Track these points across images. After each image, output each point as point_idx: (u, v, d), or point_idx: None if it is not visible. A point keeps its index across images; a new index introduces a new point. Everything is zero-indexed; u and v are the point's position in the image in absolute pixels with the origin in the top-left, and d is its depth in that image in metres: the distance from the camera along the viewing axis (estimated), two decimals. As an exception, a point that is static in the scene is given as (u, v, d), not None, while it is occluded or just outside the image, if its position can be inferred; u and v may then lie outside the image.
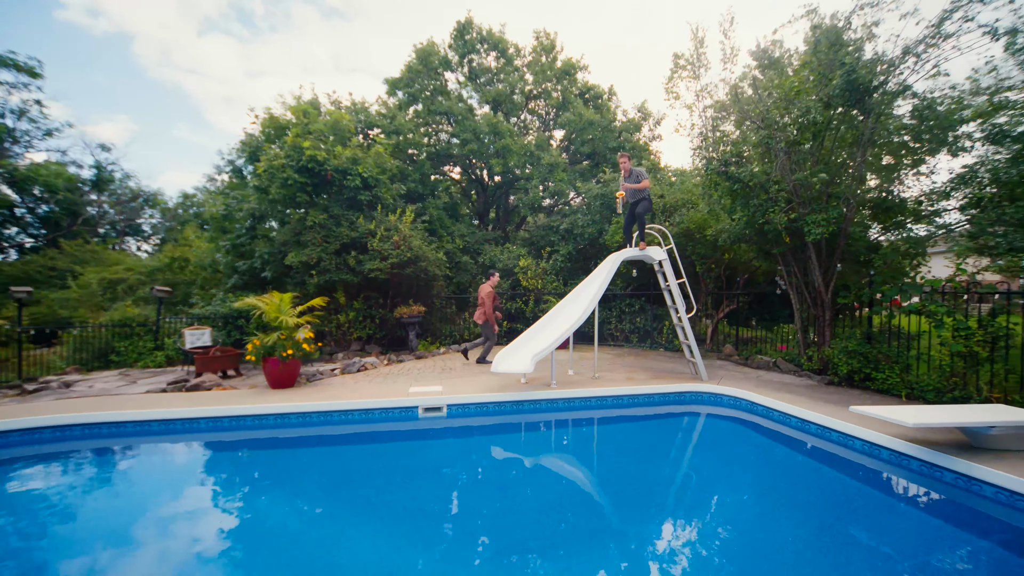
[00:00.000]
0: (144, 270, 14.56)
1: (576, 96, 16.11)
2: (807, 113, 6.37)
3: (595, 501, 3.86)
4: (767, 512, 3.61)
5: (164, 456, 4.80)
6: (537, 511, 3.62)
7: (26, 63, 20.75)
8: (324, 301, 7.52)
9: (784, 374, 7.58)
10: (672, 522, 3.48)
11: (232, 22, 38.79)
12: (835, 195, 6.58)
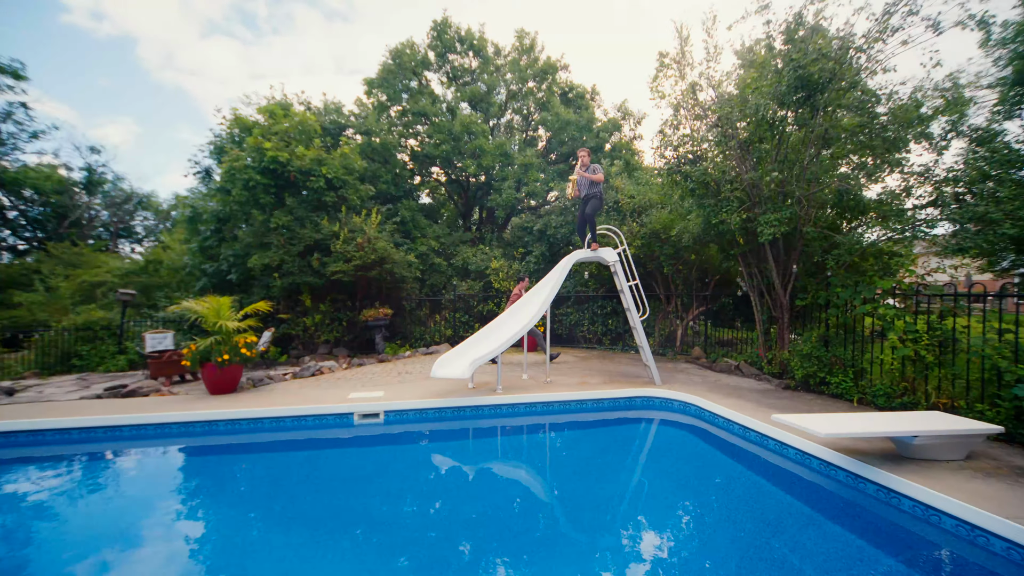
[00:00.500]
0: (119, 272, 14.50)
1: (557, 95, 15.97)
2: (757, 112, 6.21)
3: (522, 512, 3.70)
4: (688, 524, 3.45)
5: (79, 465, 4.67)
6: (464, 523, 3.47)
7: (9, 65, 20.75)
8: (269, 306, 7.39)
9: (744, 378, 7.41)
10: (588, 533, 3.32)
11: (235, 24, 39.21)
12: (790, 195, 6.41)
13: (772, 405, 5.60)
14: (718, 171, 6.70)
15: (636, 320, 6.91)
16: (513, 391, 6.38)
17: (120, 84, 43.13)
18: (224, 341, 6.10)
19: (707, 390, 6.41)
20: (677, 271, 9.76)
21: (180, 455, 4.95)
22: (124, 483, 4.23)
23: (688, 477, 4.45)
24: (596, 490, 4.07)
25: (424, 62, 14.52)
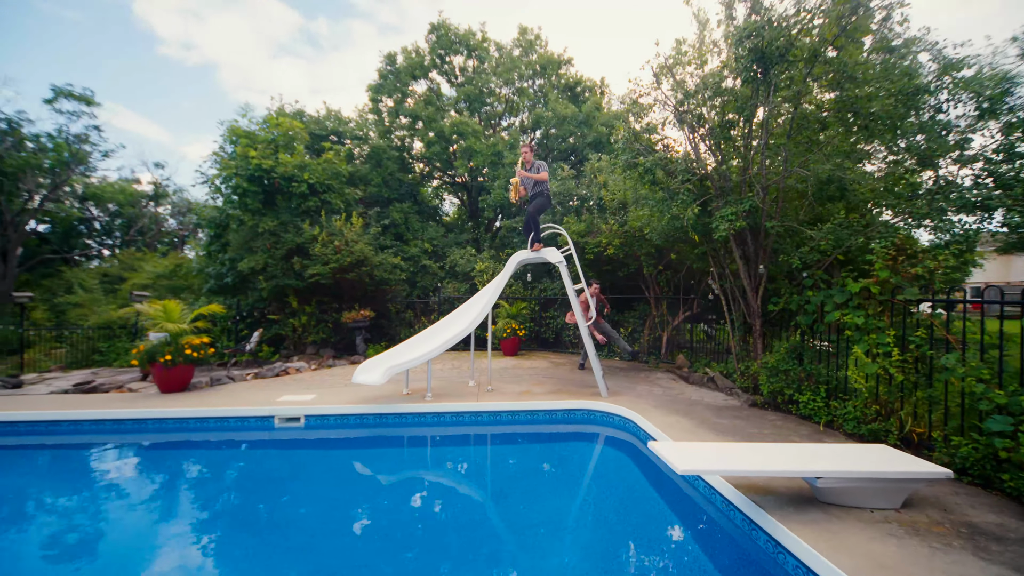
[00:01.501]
0: (152, 276, 15.90)
1: (560, 90, 15.45)
2: (718, 90, 5.50)
3: (412, 524, 3.43)
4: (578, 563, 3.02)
5: (11, 453, 5.01)
6: (358, 532, 3.36)
7: (82, 92, 23.48)
8: (222, 308, 7.63)
9: (715, 391, 6.61)
10: (455, 557, 2.99)
11: (300, 45, 42.74)
12: (754, 184, 5.60)
13: (716, 427, 4.89)
14: (670, 160, 6.00)
15: (582, 325, 6.37)
16: (446, 398, 6.10)
17: (204, 105, 48.64)
18: (170, 342, 6.36)
19: (657, 405, 5.77)
20: (660, 272, 8.98)
21: (106, 449, 5.17)
22: (43, 471, 4.47)
23: (600, 503, 3.95)
24: (488, 506, 3.72)
25: (421, 65, 14.58)
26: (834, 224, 5.12)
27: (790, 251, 5.66)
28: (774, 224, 5.43)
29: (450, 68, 15.01)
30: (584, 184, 10.81)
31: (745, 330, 6.53)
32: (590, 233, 9.47)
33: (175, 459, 5.01)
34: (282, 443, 5.40)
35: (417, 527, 3.48)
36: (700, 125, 6.00)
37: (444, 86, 15.37)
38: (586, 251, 9.50)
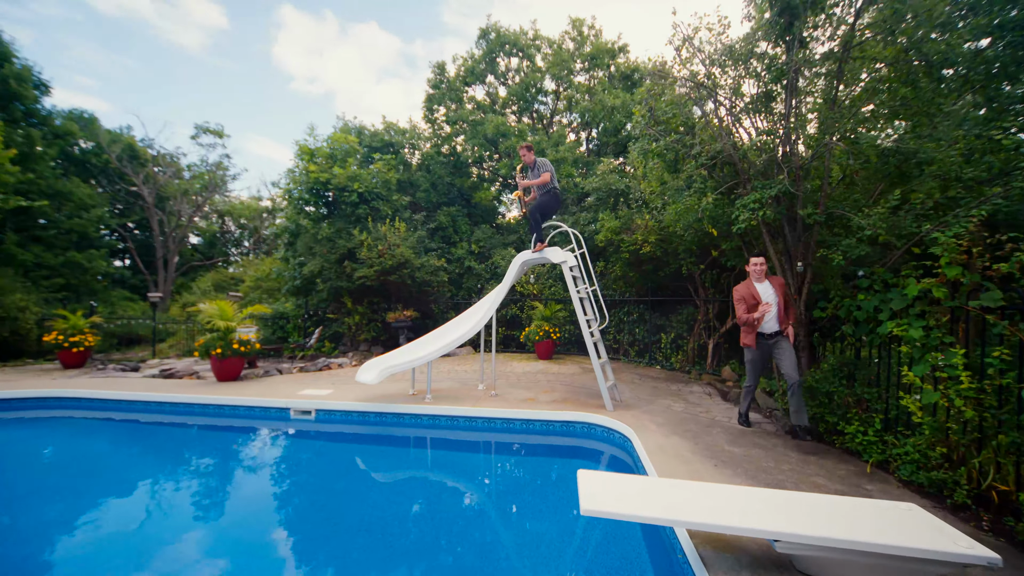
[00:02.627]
0: (254, 279, 18.53)
1: (616, 80, 14.60)
2: (738, 56, 4.67)
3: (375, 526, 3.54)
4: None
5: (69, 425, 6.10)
6: (339, 521, 3.62)
7: (215, 127, 28.29)
8: (268, 309, 8.48)
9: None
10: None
11: (401, 67, 47.86)
12: (783, 166, 4.62)
13: (720, 456, 4.13)
14: (684, 145, 5.22)
15: (589, 331, 5.85)
16: (448, 401, 6.07)
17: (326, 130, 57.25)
18: (221, 338, 7.29)
19: (664, 424, 5.07)
20: (703, 271, 7.93)
21: (151, 425, 6.07)
22: (101, 439, 5.43)
23: (553, 538, 3.59)
24: (456, 520, 3.61)
25: (472, 72, 14.84)
26: (888, 208, 3.98)
27: (833, 241, 4.56)
28: (811, 212, 4.41)
29: (500, 71, 15.06)
30: (626, 177, 10.03)
31: (790, 341, 5.43)
32: (626, 230, 8.74)
33: (202, 438, 5.72)
34: (293, 433, 5.85)
35: (355, 515, 3.48)
36: (721, 96, 5.14)
37: (494, 89, 15.47)
38: (621, 249, 8.78)
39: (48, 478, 4.46)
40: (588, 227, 10.63)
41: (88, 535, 3.32)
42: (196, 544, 3.23)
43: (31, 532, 3.34)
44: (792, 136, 4.70)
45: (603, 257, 10.36)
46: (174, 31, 43.21)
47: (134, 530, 3.40)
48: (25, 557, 3.02)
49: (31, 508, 3.71)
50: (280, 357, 11.03)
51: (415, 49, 46.96)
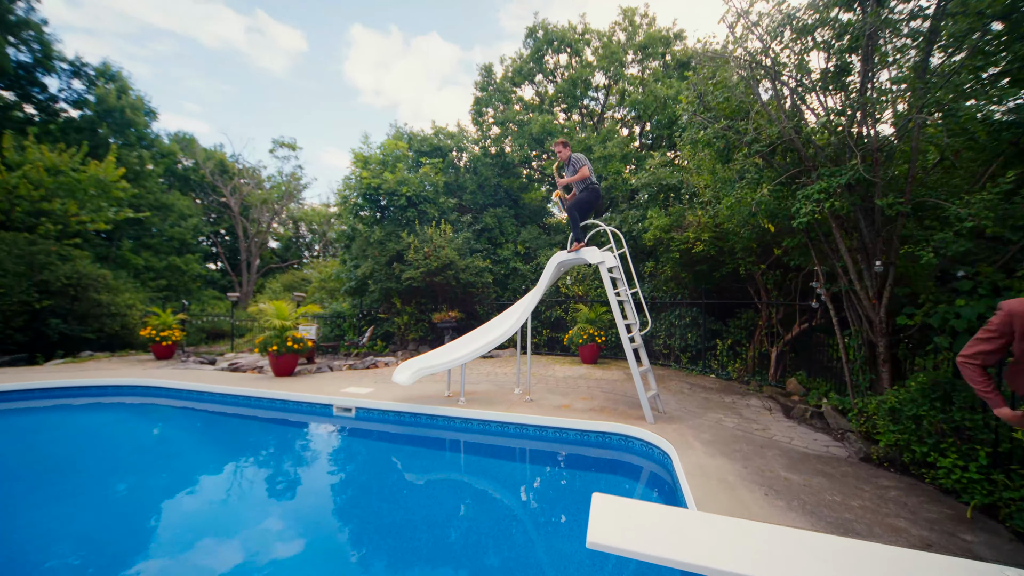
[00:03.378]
0: (318, 280, 19.92)
1: (671, 68, 13.77)
2: (803, 29, 4.10)
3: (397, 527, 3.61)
4: None
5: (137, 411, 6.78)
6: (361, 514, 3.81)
7: (289, 140, 30.85)
8: (320, 308, 8.91)
9: (817, 432, 4.91)
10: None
11: (459, 74, 49.88)
12: (857, 149, 3.95)
13: (774, 485, 3.61)
14: (737, 131, 4.66)
15: (628, 336, 5.45)
16: (481, 405, 5.98)
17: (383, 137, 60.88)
18: (277, 335, 7.80)
19: (712, 441, 4.57)
20: (765, 272, 7.12)
21: (211, 414, 6.61)
22: (164, 422, 6.02)
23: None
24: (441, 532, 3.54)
25: (520, 71, 14.73)
26: (998, 193, 3.23)
27: (941, 240, 3.80)
28: (893, 201, 3.72)
29: (548, 69, 14.80)
30: (678, 171, 9.34)
31: (868, 352, 4.66)
32: (677, 227, 8.13)
33: (252, 429, 6.12)
34: (334, 429, 6.08)
35: (379, 514, 3.47)
36: (782, 74, 4.53)
37: (543, 88, 15.24)
38: (672, 248, 8.17)
39: (114, 456, 4.99)
40: (636, 225, 10.07)
41: (143, 501, 3.63)
42: (225, 522, 3.40)
43: (101, 498, 3.72)
44: (870, 114, 4.01)
45: (653, 257, 9.75)
46: (262, 57, 48.13)
47: (171, 504, 3.66)
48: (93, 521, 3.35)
49: (96, 479, 4.15)
50: (337, 354, 11.67)
51: (473, 55, 48.10)
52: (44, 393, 7.00)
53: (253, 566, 2.97)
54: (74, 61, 19.26)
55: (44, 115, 18.72)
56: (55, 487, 4.11)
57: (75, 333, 10.93)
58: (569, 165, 5.90)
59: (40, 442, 5.43)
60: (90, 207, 13.23)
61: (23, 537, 3.24)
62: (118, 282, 13.72)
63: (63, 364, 9.17)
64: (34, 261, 10.54)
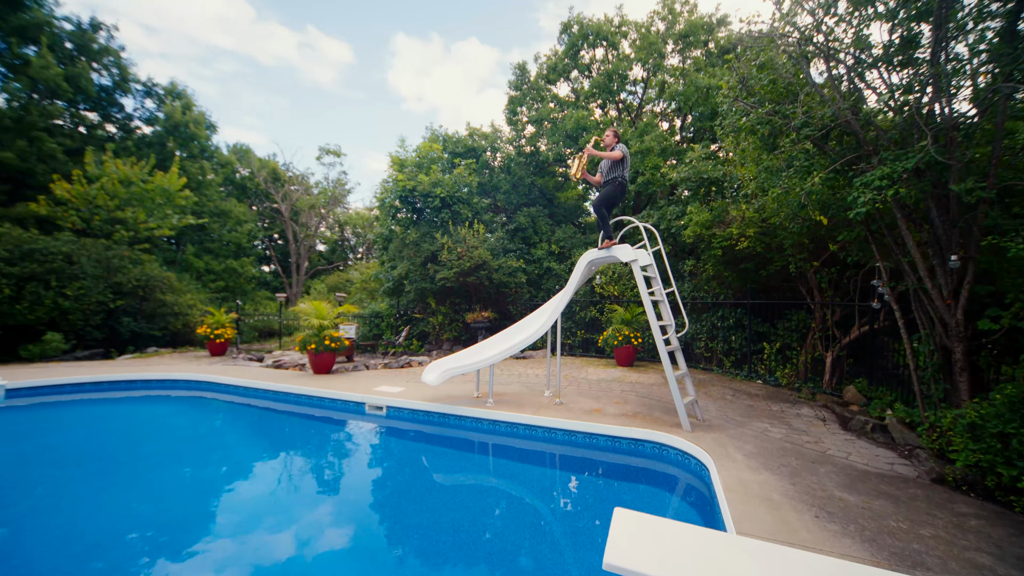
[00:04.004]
0: (359, 281, 20.65)
1: (714, 56, 13.07)
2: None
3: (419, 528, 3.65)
4: None
5: (189, 404, 7.20)
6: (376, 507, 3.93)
7: (334, 147, 32.28)
8: (356, 308, 9.14)
9: (879, 447, 4.41)
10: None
11: (497, 76, 50.52)
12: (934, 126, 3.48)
13: (827, 506, 3.25)
14: (784, 115, 4.26)
15: (664, 338, 5.15)
16: (510, 407, 5.88)
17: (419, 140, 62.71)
18: (316, 334, 8.09)
19: (755, 454, 4.22)
20: (818, 270, 6.52)
21: (252, 408, 6.94)
22: (211, 415, 6.38)
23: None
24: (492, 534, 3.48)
25: (554, 68, 14.52)
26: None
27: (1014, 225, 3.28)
28: (972, 187, 3.24)
29: (583, 64, 14.48)
30: (721, 164, 8.80)
31: (941, 359, 4.11)
32: (719, 223, 7.64)
33: (289, 423, 6.36)
34: (366, 426, 6.20)
35: (402, 513, 3.46)
36: (838, 51, 4.09)
37: (579, 84, 14.94)
38: (713, 245, 7.69)
39: (167, 445, 5.33)
40: (676, 222, 9.60)
41: (182, 482, 3.83)
42: (255, 508, 3.51)
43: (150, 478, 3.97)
44: (943, 88, 3.52)
45: (693, 255, 9.25)
46: (313, 70, 50.87)
47: (208, 490, 3.83)
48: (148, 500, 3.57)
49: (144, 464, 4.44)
50: (374, 353, 12.00)
51: (512, 57, 48.42)
52: (112, 385, 7.65)
53: (275, 546, 3.05)
54: (146, 82, 21.11)
55: (122, 132, 20.66)
56: (119, 472, 4.44)
57: (143, 330, 11.93)
58: (607, 147, 5.66)
59: (109, 430, 5.92)
60: (157, 215, 14.42)
61: (92, 516, 3.51)
62: (181, 284, 14.85)
63: (132, 359, 10.02)
64: (110, 265, 11.61)
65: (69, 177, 13.45)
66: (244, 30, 45.75)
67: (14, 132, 14.99)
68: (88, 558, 2.97)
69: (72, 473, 4.42)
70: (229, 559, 3.03)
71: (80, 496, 3.89)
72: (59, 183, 12.69)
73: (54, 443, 5.27)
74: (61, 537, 3.20)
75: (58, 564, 2.90)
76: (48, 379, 7.29)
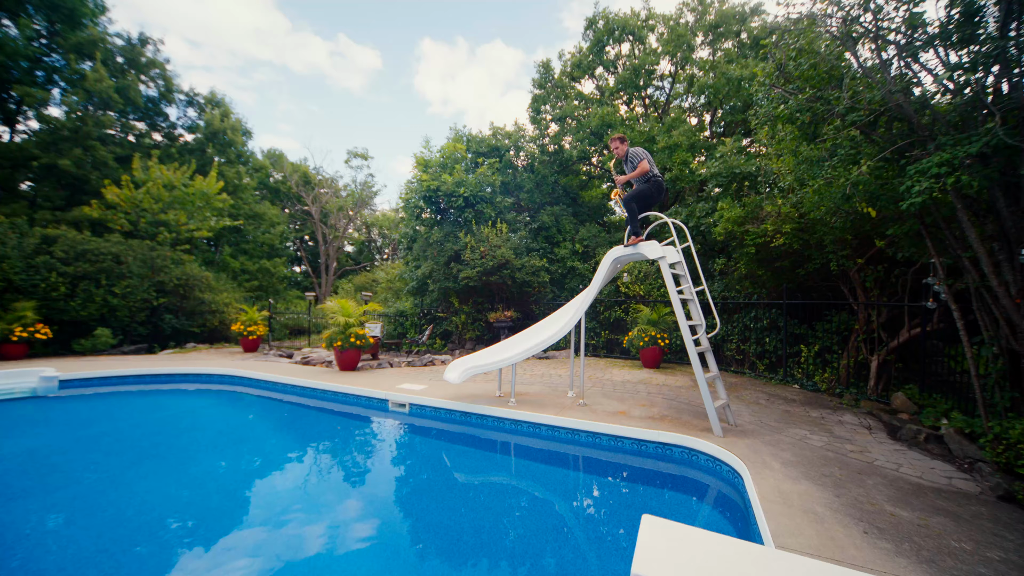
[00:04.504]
0: (385, 281, 21.03)
1: (742, 48, 12.59)
2: None
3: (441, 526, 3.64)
4: None
5: (223, 397, 7.43)
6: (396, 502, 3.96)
7: (361, 151, 33.07)
8: (380, 307, 9.23)
9: (935, 459, 4.05)
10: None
11: (522, 78, 50.75)
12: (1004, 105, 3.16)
13: (876, 522, 3.00)
14: (827, 102, 3.98)
15: (694, 338, 4.92)
16: (532, 407, 5.79)
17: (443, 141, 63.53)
18: (341, 332, 8.23)
19: (794, 462, 3.96)
20: (862, 268, 6.10)
21: (280, 403, 7.11)
22: (242, 408, 6.57)
23: None
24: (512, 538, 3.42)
25: (579, 65, 14.34)
26: None
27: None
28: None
29: (609, 60, 14.23)
30: (753, 158, 8.41)
31: (1008, 364, 3.74)
32: (752, 219, 7.30)
33: (316, 418, 6.47)
34: (389, 423, 6.24)
35: (423, 510, 3.43)
36: (887, 31, 3.79)
37: (604, 81, 14.70)
38: (746, 243, 7.34)
39: (201, 435, 5.51)
40: (705, 219, 9.25)
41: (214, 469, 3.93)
42: (278, 497, 3.55)
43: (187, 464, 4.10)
44: (1012, 64, 3.19)
45: (724, 253, 8.89)
46: (342, 77, 52.46)
47: (234, 479, 3.91)
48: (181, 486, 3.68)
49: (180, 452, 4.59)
50: (399, 351, 12.15)
51: (536, 58, 48.34)
52: (155, 378, 8.03)
53: (302, 535, 3.08)
54: (188, 92, 22.21)
55: (166, 140, 21.83)
56: (161, 459, 4.62)
57: (183, 327, 12.51)
58: (627, 161, 5.49)
59: (152, 420, 6.19)
60: (197, 217, 15.13)
61: (137, 501, 3.65)
62: (218, 283, 15.51)
63: (172, 354, 10.51)
64: (154, 264, 12.24)
65: (119, 182, 14.30)
66: (280, 41, 47.66)
67: (71, 141, 16.07)
68: (132, 542, 3.08)
69: (119, 460, 4.62)
70: (260, 545, 3.08)
71: (125, 482, 4.05)
72: (110, 188, 13.50)
73: (103, 431, 5.55)
74: (108, 520, 3.34)
75: (104, 545, 3.01)
76: (98, 371, 7.73)
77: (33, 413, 6.35)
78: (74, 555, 2.90)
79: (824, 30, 4.16)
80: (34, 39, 15.98)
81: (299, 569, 2.83)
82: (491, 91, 55.18)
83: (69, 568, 2.77)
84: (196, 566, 2.86)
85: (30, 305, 9.14)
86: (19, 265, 9.55)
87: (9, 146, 15.84)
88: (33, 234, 10.40)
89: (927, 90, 3.65)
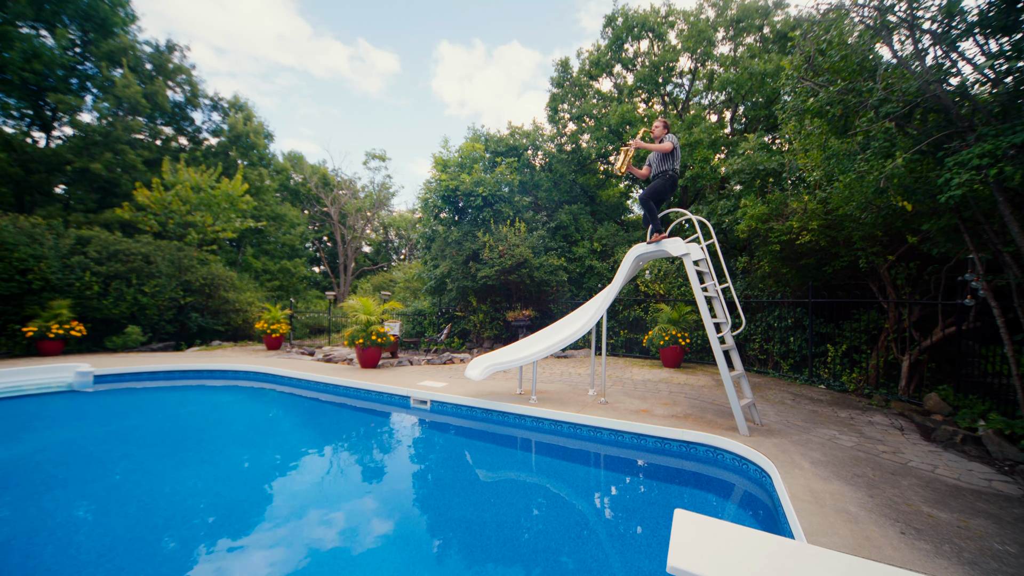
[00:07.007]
0: (403, 280, 21.28)
1: (765, 43, 12.36)
2: None
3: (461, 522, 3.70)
4: None
5: (247, 393, 7.61)
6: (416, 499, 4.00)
7: (379, 152, 33.52)
8: (400, 305, 9.35)
9: (972, 461, 3.92)
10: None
11: (539, 79, 50.84)
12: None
13: (913, 522, 2.92)
14: (860, 93, 3.89)
15: (718, 336, 4.86)
16: (553, 404, 5.79)
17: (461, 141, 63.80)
18: (363, 330, 8.37)
19: (823, 462, 3.88)
20: (893, 265, 5.92)
21: (307, 399, 7.25)
22: (266, 404, 6.74)
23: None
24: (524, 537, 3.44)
25: (597, 63, 14.27)
26: None
27: None
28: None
29: (627, 57, 14.13)
30: (777, 154, 8.24)
31: (1054, 364, 3.59)
32: (777, 216, 7.16)
33: (337, 413, 6.59)
34: (411, 419, 6.32)
35: (445, 506, 3.47)
36: (923, 19, 3.68)
37: (622, 80, 14.59)
38: (770, 240, 7.21)
39: (228, 430, 5.67)
40: (727, 217, 9.11)
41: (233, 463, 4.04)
42: (301, 492, 3.64)
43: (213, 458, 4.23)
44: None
45: (746, 251, 8.74)
46: (361, 81, 53.33)
47: (258, 472, 4.02)
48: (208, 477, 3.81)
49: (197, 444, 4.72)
50: (417, 350, 12.29)
51: (553, 58, 48.22)
52: (183, 374, 8.29)
53: (325, 527, 3.14)
54: (213, 97, 22.85)
55: (192, 144, 22.51)
56: (190, 452, 4.78)
57: (209, 325, 12.88)
58: (660, 143, 5.44)
59: (180, 414, 6.40)
60: (222, 218, 15.55)
61: (166, 492, 3.79)
62: (242, 282, 15.92)
63: (199, 351, 10.83)
64: (181, 264, 12.63)
65: (149, 185, 14.80)
66: (301, 47, 48.67)
67: (103, 146, 16.70)
68: (165, 529, 3.19)
69: (151, 452, 4.80)
70: (286, 535, 3.15)
71: (158, 473, 4.21)
72: (140, 190, 13.98)
73: (135, 424, 5.76)
74: (142, 509, 3.47)
75: (139, 533, 3.13)
76: (129, 367, 8.02)
77: (70, 407, 6.63)
78: (111, 542, 3.01)
79: (857, 18, 4.06)
80: (69, 48, 16.67)
81: (324, 559, 2.89)
82: (508, 92, 55.30)
83: (108, 553, 2.89)
84: (225, 555, 2.95)
85: (65, 303, 9.53)
86: (56, 265, 9.96)
87: (45, 151, 16.56)
88: (68, 235, 10.84)
89: (966, 79, 3.53)
